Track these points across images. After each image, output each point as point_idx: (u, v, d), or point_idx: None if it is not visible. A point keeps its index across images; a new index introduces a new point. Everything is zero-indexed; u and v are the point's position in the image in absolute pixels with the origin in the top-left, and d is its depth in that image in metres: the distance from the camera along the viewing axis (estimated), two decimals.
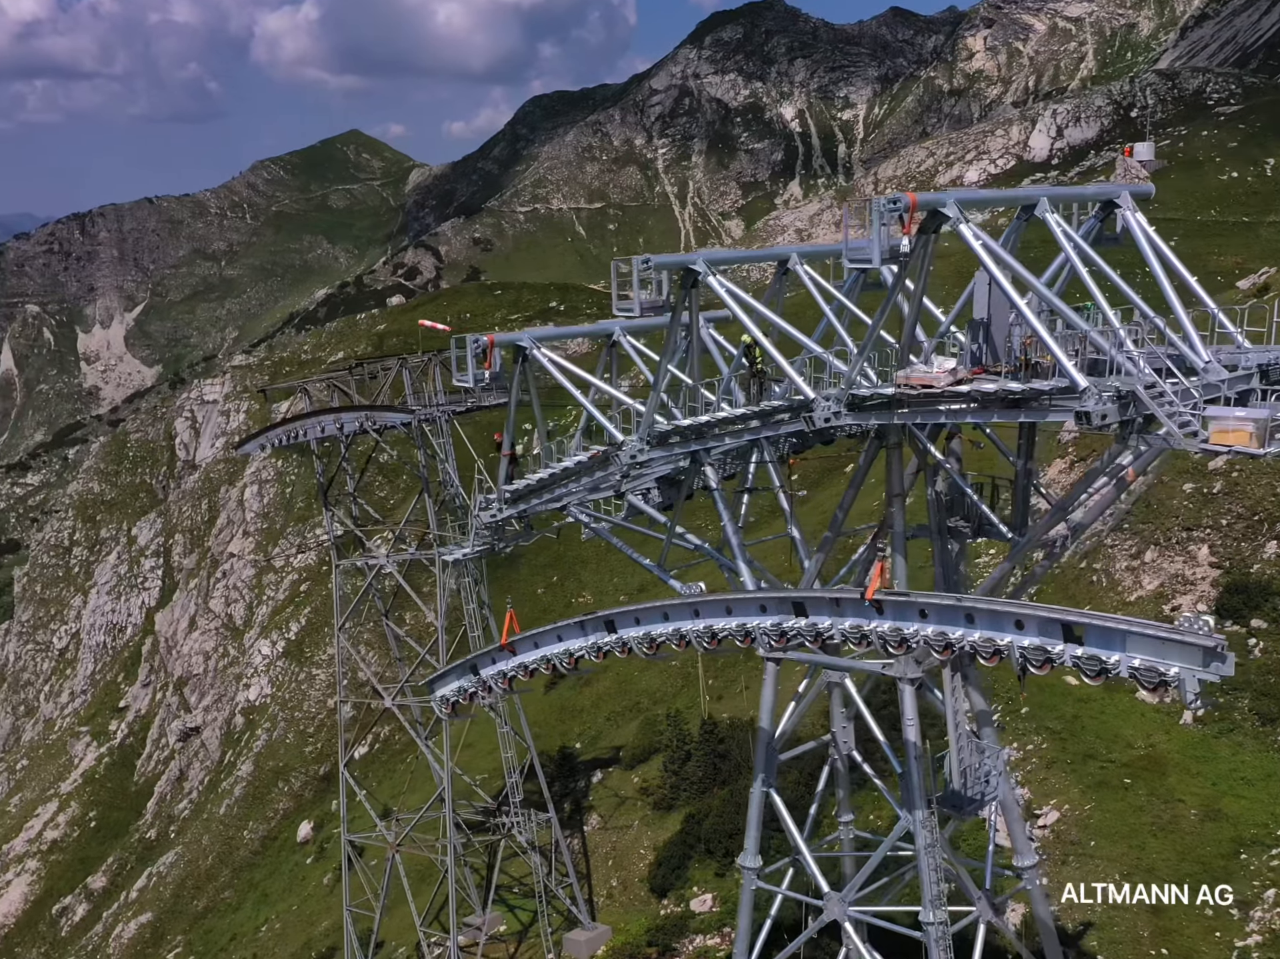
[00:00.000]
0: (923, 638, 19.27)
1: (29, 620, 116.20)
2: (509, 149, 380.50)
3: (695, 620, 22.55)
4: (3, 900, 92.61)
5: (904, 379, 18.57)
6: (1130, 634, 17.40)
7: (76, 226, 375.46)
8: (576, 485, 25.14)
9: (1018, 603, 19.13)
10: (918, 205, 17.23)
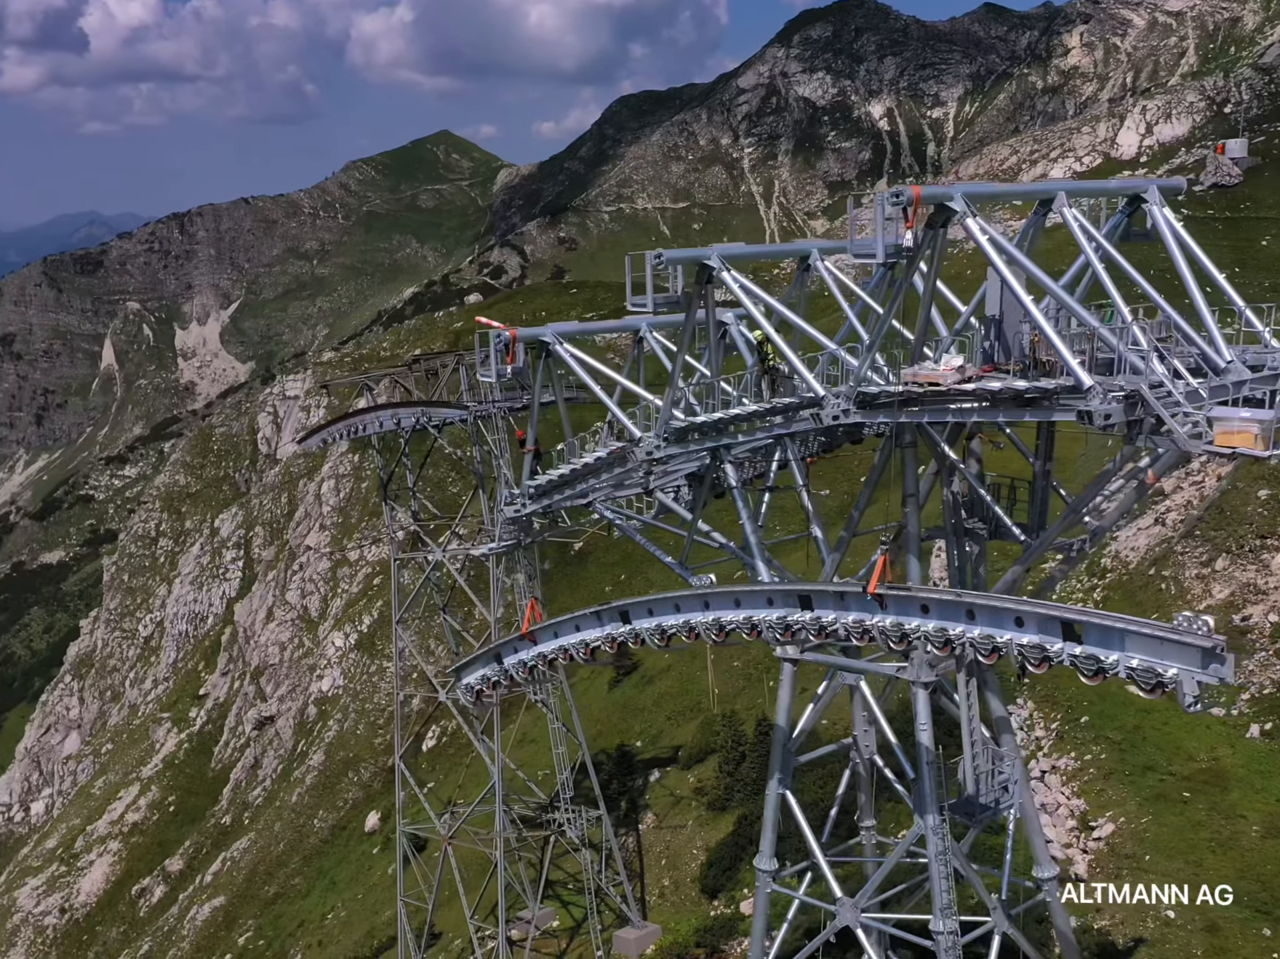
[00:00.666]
0: (923, 634, 18.92)
1: (116, 608, 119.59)
2: (595, 149, 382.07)
3: (705, 612, 22.46)
4: (86, 880, 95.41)
5: (911, 376, 18.23)
6: (1129, 633, 16.93)
7: (176, 226, 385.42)
8: (601, 482, 25.12)
9: (1018, 599, 18.69)
10: (922, 199, 16.90)
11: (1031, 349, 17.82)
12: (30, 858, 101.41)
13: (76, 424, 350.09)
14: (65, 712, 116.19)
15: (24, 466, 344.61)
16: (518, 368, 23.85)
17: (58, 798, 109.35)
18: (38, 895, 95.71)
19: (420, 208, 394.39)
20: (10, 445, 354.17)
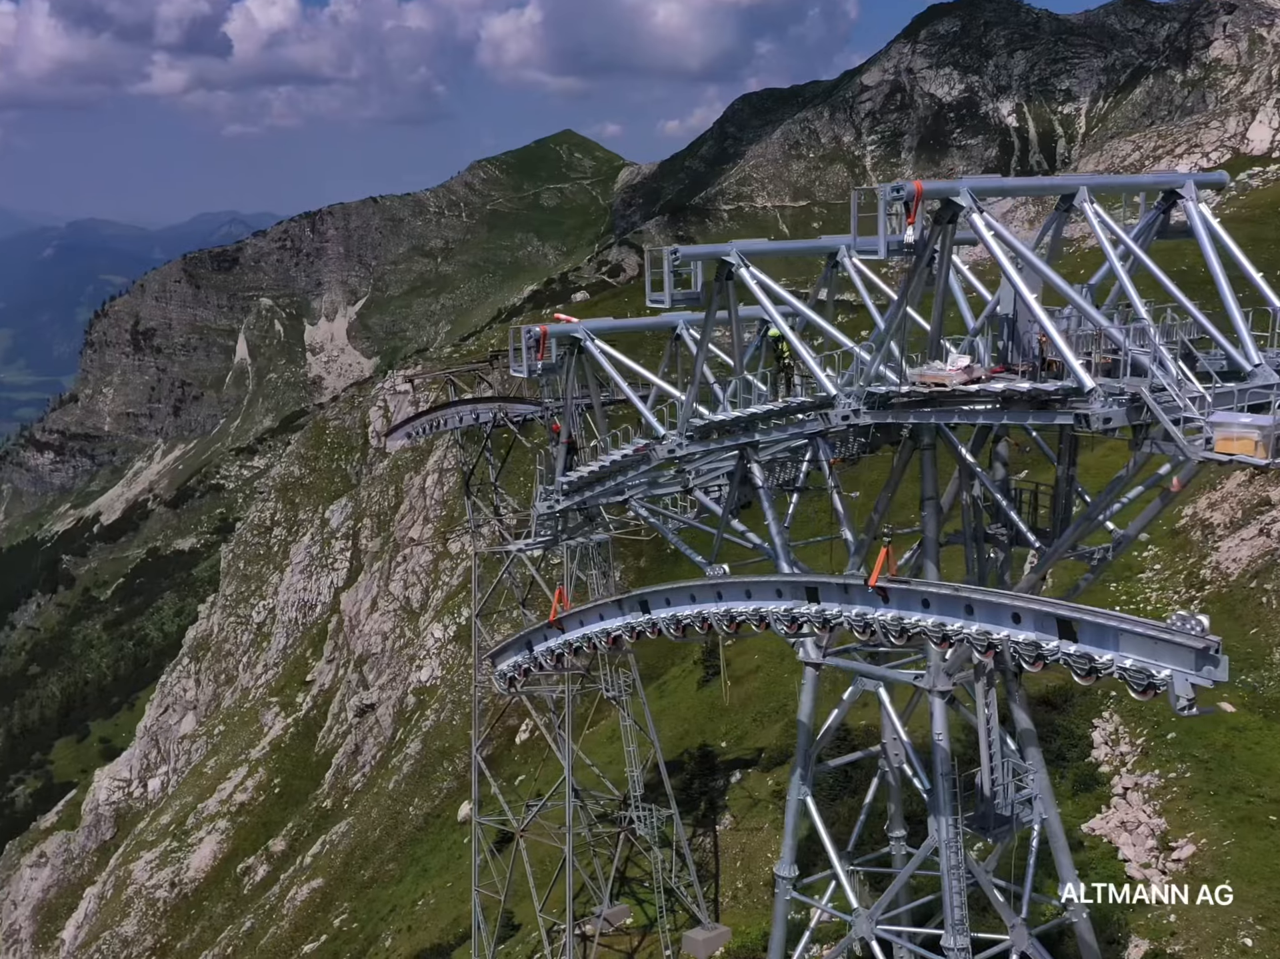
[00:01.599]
0: (922, 629, 18.46)
1: (232, 594, 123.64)
2: (716, 147, 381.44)
3: (718, 603, 22.31)
4: (195, 856, 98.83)
5: (919, 377, 17.76)
6: (1123, 632, 16.25)
7: (307, 225, 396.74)
8: (635, 479, 25.07)
9: (1016, 594, 18.10)
10: (924, 193, 16.44)
11: (1040, 349, 17.20)
12: (145, 832, 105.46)
13: (211, 416, 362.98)
14: (182, 693, 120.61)
15: (161, 456, 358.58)
16: (548, 364, 23.95)
17: (173, 776, 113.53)
18: (150, 869, 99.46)
19: (542, 206, 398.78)
20: (149, 435, 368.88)
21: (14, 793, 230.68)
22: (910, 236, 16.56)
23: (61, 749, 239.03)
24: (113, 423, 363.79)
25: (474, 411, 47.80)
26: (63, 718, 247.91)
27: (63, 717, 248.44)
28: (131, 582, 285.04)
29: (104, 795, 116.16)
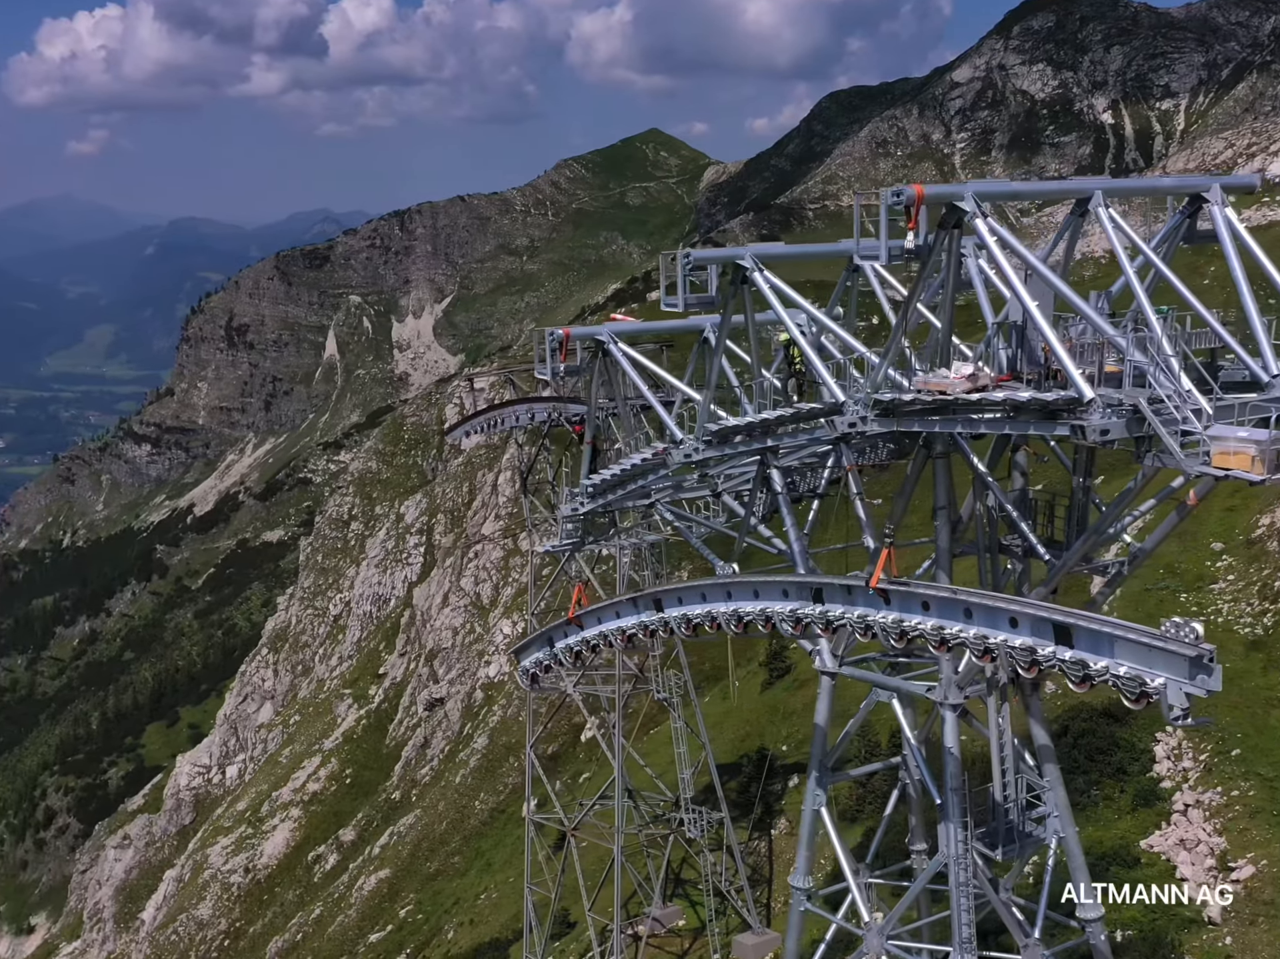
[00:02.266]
0: (921, 632, 18.21)
1: (310, 587, 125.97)
2: (803, 146, 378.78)
3: (728, 603, 22.18)
4: (269, 843, 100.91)
5: (923, 384, 17.42)
6: (1118, 639, 15.84)
7: (396, 223, 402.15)
8: (660, 483, 24.99)
9: (1014, 599, 17.77)
10: (926, 198, 16.12)
11: (1046, 358, 16.77)
12: (223, 818, 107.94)
13: (300, 410, 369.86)
14: (261, 683, 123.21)
15: (253, 449, 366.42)
16: (572, 366, 23.98)
17: (250, 763, 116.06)
18: (226, 854, 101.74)
19: (627, 205, 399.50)
20: (241, 429, 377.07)
21: (107, 775, 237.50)
22: (910, 242, 16.26)
23: (152, 734, 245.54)
24: (207, 416, 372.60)
25: (530, 411, 48.07)
26: (154, 703, 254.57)
27: (154, 702, 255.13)
28: (222, 572, 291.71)
29: (185, 781, 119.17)
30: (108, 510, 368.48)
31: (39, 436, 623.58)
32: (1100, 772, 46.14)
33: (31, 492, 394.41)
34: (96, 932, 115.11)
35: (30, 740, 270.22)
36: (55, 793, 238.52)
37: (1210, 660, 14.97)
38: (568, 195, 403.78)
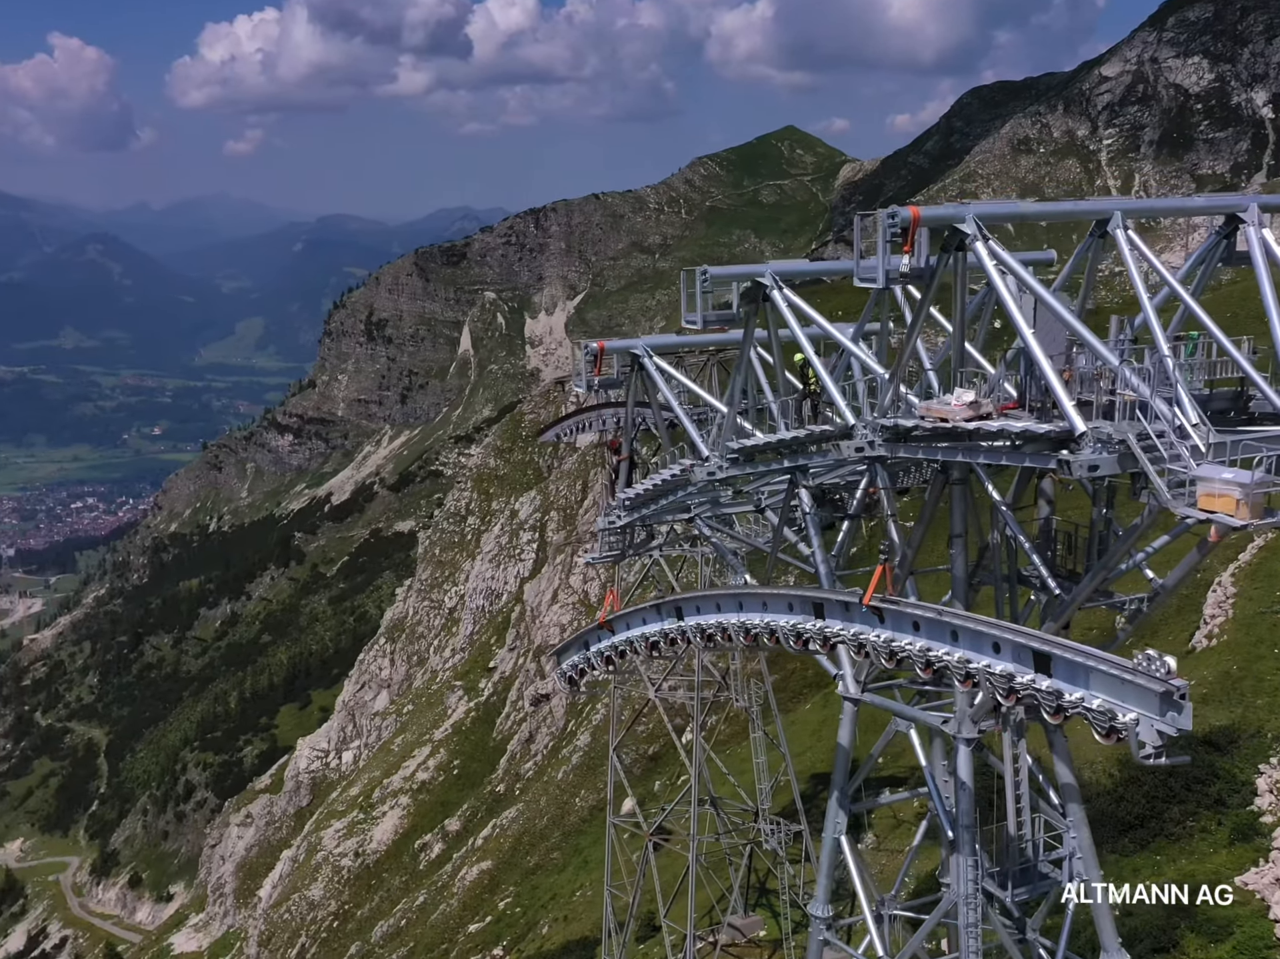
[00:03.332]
0: (909, 653, 17.73)
1: (427, 579, 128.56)
2: (941, 143, 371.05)
3: (739, 613, 21.91)
4: (378, 829, 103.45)
5: (926, 410, 16.87)
6: (1094, 670, 15.12)
7: (532, 221, 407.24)
8: (701, 497, 24.80)
9: (999, 623, 17.11)
10: (922, 220, 15.59)
11: None
12: (337, 802, 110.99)
13: (435, 404, 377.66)
14: (378, 671, 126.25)
15: (388, 441, 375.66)
16: (607, 379, 23.94)
17: (364, 750, 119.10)
18: (338, 838, 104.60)
19: (761, 203, 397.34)
20: (378, 422, 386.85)
21: (242, 753, 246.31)
22: (905, 265, 15.75)
23: (285, 715, 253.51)
24: (346, 408, 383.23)
25: (615, 415, 48.10)
26: (288, 686, 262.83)
27: (288, 684, 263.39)
28: (355, 560, 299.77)
29: (304, 764, 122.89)
30: (251, 497, 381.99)
31: (192, 425, 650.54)
32: (1197, 802, 44.31)
33: (182, 478, 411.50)
34: (219, 905, 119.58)
35: (174, 716, 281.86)
36: (195, 768, 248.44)
37: (1182, 697, 14.21)
38: (701, 193, 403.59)
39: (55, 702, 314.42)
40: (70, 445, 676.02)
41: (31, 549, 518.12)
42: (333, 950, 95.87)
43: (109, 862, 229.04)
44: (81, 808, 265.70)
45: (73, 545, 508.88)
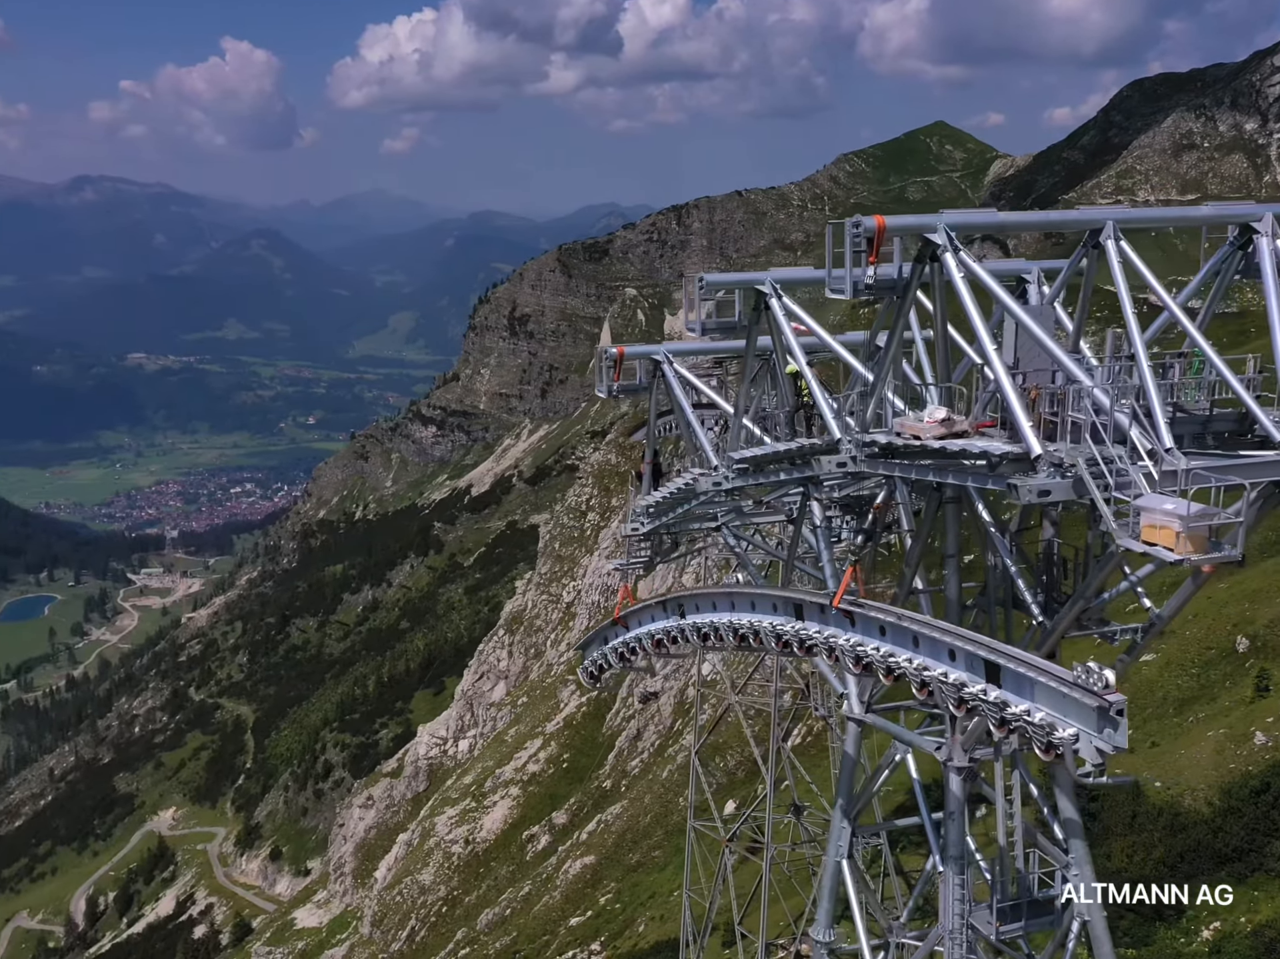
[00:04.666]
0: (872, 659, 17.17)
1: (546, 573, 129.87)
2: (1099, 137, 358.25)
3: (732, 613, 21.62)
4: (489, 818, 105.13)
5: (901, 426, 16.22)
6: (1038, 683, 14.34)
7: (674, 217, 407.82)
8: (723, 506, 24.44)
9: (956, 630, 16.36)
10: (888, 230, 14.97)
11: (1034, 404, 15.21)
12: (451, 789, 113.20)
13: (573, 399, 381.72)
14: (496, 662, 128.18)
15: (527, 435, 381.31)
16: (628, 385, 23.75)
17: (479, 739, 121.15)
18: (450, 824, 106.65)
19: (907, 200, 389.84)
20: (519, 415, 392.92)
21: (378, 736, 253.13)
22: (870, 277, 15.15)
23: (419, 700, 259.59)
24: (487, 402, 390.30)
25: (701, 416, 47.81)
26: (423, 672, 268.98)
27: (423, 670, 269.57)
28: (491, 551, 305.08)
29: (423, 750, 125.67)
30: (395, 487, 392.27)
31: (344, 415, 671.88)
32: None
33: (330, 466, 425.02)
34: (339, 883, 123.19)
35: (316, 697, 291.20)
36: (333, 748, 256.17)
37: (1119, 713, 13.34)
38: (846, 190, 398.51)
39: (208, 678, 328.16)
40: (231, 433, 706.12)
41: (193, 531, 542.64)
42: (440, 935, 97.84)
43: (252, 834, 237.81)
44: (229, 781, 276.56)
45: (231, 529, 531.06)
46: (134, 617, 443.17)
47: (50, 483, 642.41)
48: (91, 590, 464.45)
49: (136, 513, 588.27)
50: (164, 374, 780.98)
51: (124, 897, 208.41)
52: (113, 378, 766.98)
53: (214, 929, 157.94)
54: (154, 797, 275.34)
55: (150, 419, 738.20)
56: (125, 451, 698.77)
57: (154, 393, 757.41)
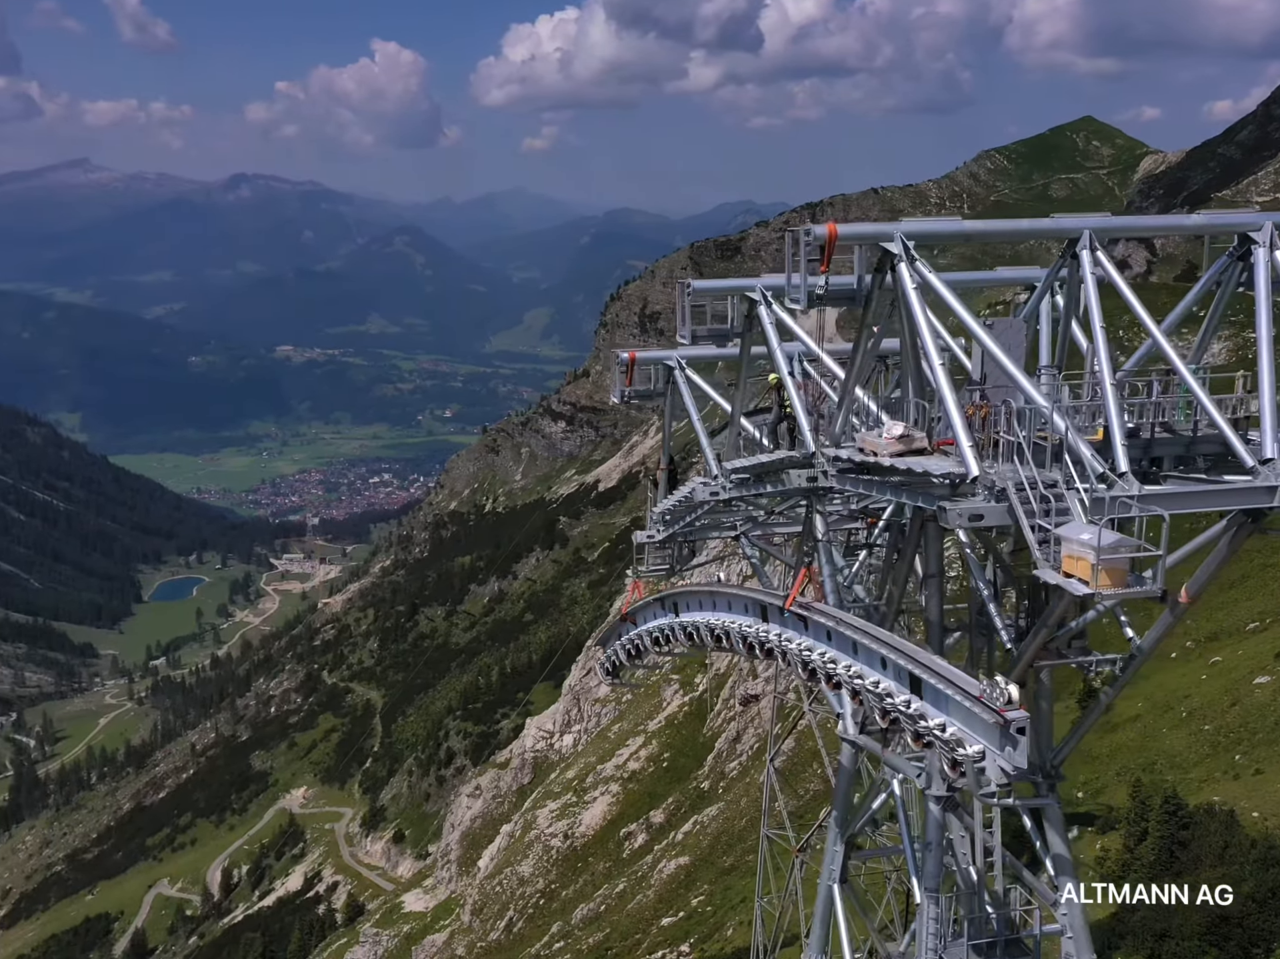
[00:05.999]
0: (816, 665, 16.72)
1: None
2: (1257, 132, 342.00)
3: (713, 612, 21.37)
4: (588, 813, 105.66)
5: (863, 442, 15.60)
6: (951, 698, 13.63)
7: (808, 215, 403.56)
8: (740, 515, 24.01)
9: (888, 638, 15.72)
10: (839, 238, 14.39)
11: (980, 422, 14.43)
12: (554, 783, 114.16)
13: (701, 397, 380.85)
14: None
15: (654, 432, 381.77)
16: (641, 390, 23.50)
17: (584, 735, 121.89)
18: (551, 818, 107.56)
19: (1050, 198, 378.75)
20: (647, 412, 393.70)
21: (499, 726, 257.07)
22: (820, 288, 14.59)
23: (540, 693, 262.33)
24: None
25: None
26: (544, 664, 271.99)
27: (544, 663, 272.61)
28: (615, 547, 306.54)
29: (530, 742, 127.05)
30: (524, 480, 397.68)
31: (479, 409, 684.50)
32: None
33: (463, 459, 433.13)
34: (445, 870, 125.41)
35: (441, 685, 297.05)
36: (456, 736, 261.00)
37: (1019, 732, 12.53)
38: (986, 187, 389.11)
39: (340, 662, 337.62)
40: (371, 424, 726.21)
41: (333, 519, 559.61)
42: (537, 926, 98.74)
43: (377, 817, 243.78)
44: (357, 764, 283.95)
45: (368, 518, 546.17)
46: (275, 600, 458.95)
47: (202, 469, 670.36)
48: (237, 574, 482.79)
49: (281, 500, 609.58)
50: (309, 366, 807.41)
51: (256, 870, 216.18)
52: (261, 369, 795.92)
53: (331, 909, 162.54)
54: (287, 775, 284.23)
55: (295, 410, 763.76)
56: (272, 441, 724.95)
57: (299, 384, 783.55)
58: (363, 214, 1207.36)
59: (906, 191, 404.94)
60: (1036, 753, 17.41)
